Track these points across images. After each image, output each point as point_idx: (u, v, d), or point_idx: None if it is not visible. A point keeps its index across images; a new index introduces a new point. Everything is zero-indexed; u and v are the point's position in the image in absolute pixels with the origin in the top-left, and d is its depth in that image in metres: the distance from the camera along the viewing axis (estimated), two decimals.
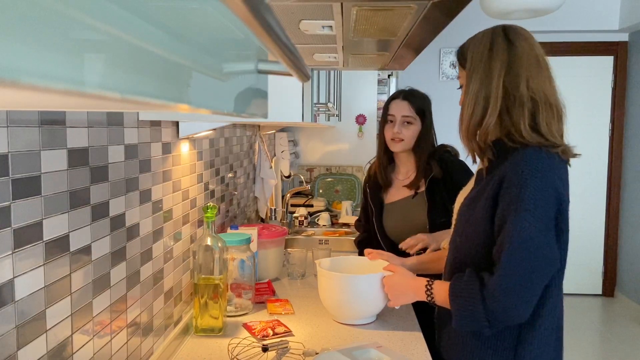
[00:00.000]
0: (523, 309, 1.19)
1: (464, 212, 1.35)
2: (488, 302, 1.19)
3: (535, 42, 1.29)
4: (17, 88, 0.21)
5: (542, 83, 1.24)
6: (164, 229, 1.39)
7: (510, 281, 1.17)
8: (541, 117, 1.23)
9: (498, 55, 1.25)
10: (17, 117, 0.77)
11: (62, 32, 0.24)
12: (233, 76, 0.57)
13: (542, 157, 1.20)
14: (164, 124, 1.38)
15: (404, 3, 0.90)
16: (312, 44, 1.31)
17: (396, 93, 2.04)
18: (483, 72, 1.26)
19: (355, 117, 3.90)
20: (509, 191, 1.19)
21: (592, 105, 4.95)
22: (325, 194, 3.83)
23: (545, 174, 1.18)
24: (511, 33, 1.28)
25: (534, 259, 1.17)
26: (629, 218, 4.86)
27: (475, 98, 1.26)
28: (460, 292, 1.24)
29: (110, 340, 1.09)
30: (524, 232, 1.16)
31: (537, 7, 2.44)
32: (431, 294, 1.36)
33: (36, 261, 0.82)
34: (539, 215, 1.17)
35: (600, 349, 4.04)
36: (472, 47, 1.30)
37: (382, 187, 2.08)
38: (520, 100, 1.23)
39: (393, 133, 1.97)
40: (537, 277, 1.18)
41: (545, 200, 1.17)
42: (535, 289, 1.19)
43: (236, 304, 1.74)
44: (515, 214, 1.17)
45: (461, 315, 1.24)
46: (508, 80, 1.24)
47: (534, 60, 1.25)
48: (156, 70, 0.36)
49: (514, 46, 1.25)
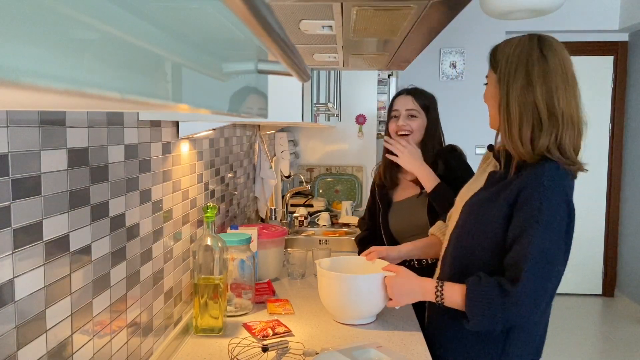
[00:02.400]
0: (535, 313, 1.28)
1: (475, 211, 1.38)
2: (509, 307, 1.25)
3: (567, 56, 1.31)
4: (17, 88, 0.21)
5: (569, 100, 1.28)
6: (164, 229, 1.39)
7: (532, 291, 1.24)
8: (565, 135, 1.27)
9: (534, 66, 1.27)
10: (17, 117, 0.77)
11: (62, 32, 0.24)
12: (233, 76, 0.57)
13: (562, 174, 1.26)
14: (164, 124, 1.38)
15: (404, 3, 0.90)
16: (312, 44, 1.31)
17: (401, 90, 2.05)
18: (523, 81, 1.27)
19: (355, 117, 3.90)
20: (529, 203, 1.25)
21: (592, 105, 4.95)
22: (325, 194, 3.83)
23: (564, 190, 1.26)
24: (546, 46, 1.29)
25: (550, 269, 1.25)
26: (629, 218, 4.86)
27: (522, 106, 1.28)
28: (479, 297, 1.29)
29: (110, 340, 1.09)
30: (544, 244, 1.24)
31: (537, 7, 2.44)
32: (442, 296, 1.37)
33: (36, 261, 0.82)
34: (556, 228, 1.25)
35: (600, 349, 4.04)
36: (507, 52, 1.31)
37: (388, 187, 2.07)
38: (554, 116, 1.26)
39: (398, 126, 1.96)
40: (551, 285, 1.27)
41: (561, 215, 1.26)
42: (547, 296, 1.28)
43: (236, 304, 1.74)
44: (537, 227, 1.24)
45: (480, 320, 1.29)
46: (544, 94, 1.27)
47: (564, 76, 1.28)
48: (156, 70, 0.36)
49: (546, 59, 1.28)
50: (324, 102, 2.39)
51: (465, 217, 1.40)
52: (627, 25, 4.61)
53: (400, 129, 1.96)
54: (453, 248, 1.42)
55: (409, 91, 2.00)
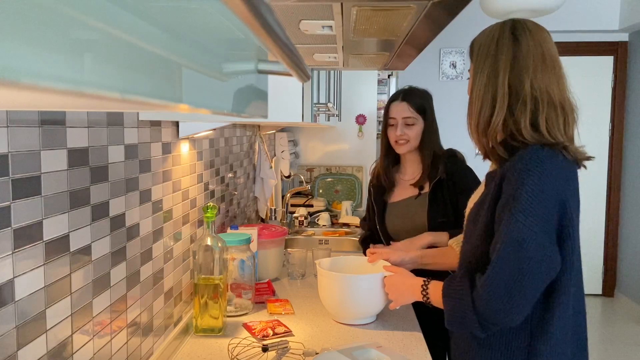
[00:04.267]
0: (513, 311, 1.15)
1: (472, 217, 1.32)
2: (477, 303, 1.16)
3: (545, 38, 1.25)
4: (17, 88, 0.21)
5: (547, 82, 1.21)
6: (164, 229, 1.39)
7: (498, 283, 1.13)
8: (542, 117, 1.19)
9: (503, 51, 1.23)
10: (17, 117, 0.77)
11: (62, 32, 0.24)
12: (233, 76, 0.57)
13: (542, 156, 1.15)
14: (164, 124, 1.38)
15: (404, 3, 0.90)
16: (312, 44, 1.31)
17: (395, 94, 2.04)
18: (489, 68, 1.24)
19: (355, 117, 3.90)
20: (506, 190, 1.16)
21: (592, 105, 4.95)
22: (325, 194, 3.83)
23: (545, 172, 1.13)
24: (518, 28, 1.25)
25: (526, 261, 1.11)
26: (629, 218, 4.86)
27: (483, 93, 1.24)
28: (451, 293, 1.23)
29: (110, 340, 1.09)
30: (516, 233, 1.11)
31: (537, 7, 2.44)
32: (427, 295, 1.36)
33: (36, 261, 0.82)
34: (535, 215, 1.12)
35: (600, 349, 4.04)
36: (479, 40, 1.29)
37: (387, 188, 2.07)
38: (523, 99, 1.20)
39: (396, 136, 1.97)
40: (528, 280, 1.12)
41: (544, 201, 1.12)
42: (526, 292, 1.13)
43: (236, 304, 1.74)
44: (509, 214, 1.13)
45: (452, 316, 1.23)
46: (512, 77, 1.21)
47: (539, 58, 1.22)
48: (156, 71, 0.36)
49: (518, 42, 1.23)
50: (324, 102, 2.39)
51: (467, 224, 1.35)
52: (627, 25, 4.61)
53: (399, 139, 1.97)
54: (462, 258, 1.37)
55: (403, 96, 1.99)
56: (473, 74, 1.29)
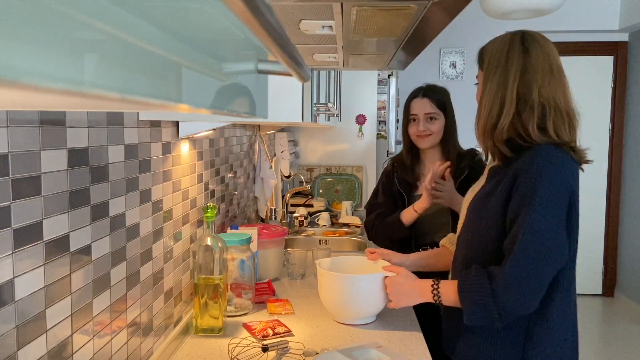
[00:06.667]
0: (531, 298, 1.22)
1: (476, 208, 1.37)
2: (498, 292, 1.22)
3: (552, 49, 1.34)
4: (17, 88, 0.21)
5: (554, 90, 1.30)
6: (164, 229, 1.39)
7: (521, 271, 1.20)
8: (549, 121, 1.28)
9: (514, 61, 1.31)
10: (17, 117, 0.77)
11: (62, 32, 0.24)
12: (233, 76, 0.57)
13: (556, 153, 1.25)
14: (164, 124, 1.38)
15: (404, 3, 0.90)
16: (312, 44, 1.31)
17: (415, 91, 2.04)
18: (500, 76, 1.32)
19: (355, 117, 3.90)
20: (523, 184, 1.24)
21: (592, 105, 4.95)
22: (325, 194, 3.83)
23: (559, 169, 1.23)
24: (528, 40, 1.33)
25: (544, 251, 1.20)
26: (629, 218, 4.86)
27: (493, 99, 1.33)
28: (470, 287, 1.27)
29: (110, 340, 1.09)
30: (537, 224, 1.20)
31: (537, 7, 2.44)
32: (438, 295, 1.37)
33: (36, 261, 0.82)
34: (552, 208, 1.21)
35: (600, 349, 4.04)
36: (491, 50, 1.37)
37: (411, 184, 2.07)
38: (530, 105, 1.29)
39: (418, 130, 1.97)
40: (546, 268, 1.21)
41: (558, 195, 1.22)
42: (543, 280, 1.22)
43: (236, 304, 1.74)
44: (529, 207, 1.21)
45: (472, 310, 1.26)
46: (521, 85, 1.30)
47: (547, 68, 1.31)
48: (156, 70, 0.36)
49: (528, 54, 1.31)
50: (324, 102, 2.39)
51: (470, 215, 1.40)
52: (627, 25, 4.61)
53: (420, 133, 1.97)
54: (462, 248, 1.41)
55: (424, 93, 2.00)
56: (483, 81, 1.37)
